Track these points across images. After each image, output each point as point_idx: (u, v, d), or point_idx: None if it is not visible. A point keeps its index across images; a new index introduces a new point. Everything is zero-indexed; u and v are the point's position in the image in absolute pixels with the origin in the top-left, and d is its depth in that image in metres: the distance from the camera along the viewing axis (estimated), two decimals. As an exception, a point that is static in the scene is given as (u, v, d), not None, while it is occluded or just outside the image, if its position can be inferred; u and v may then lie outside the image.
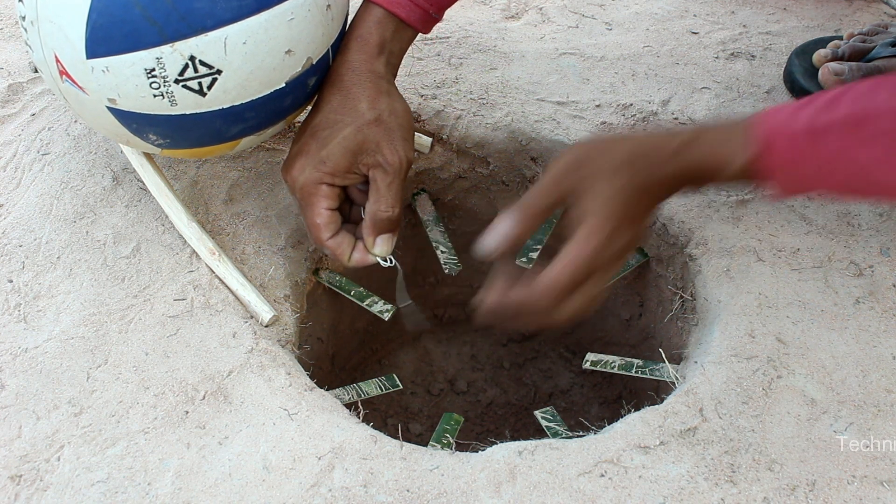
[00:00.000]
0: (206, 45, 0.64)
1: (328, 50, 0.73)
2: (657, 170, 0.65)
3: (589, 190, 0.64)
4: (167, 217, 0.83)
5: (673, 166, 0.65)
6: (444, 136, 0.99)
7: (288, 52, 0.68)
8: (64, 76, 0.67)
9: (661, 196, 0.67)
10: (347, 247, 0.75)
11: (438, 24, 0.80)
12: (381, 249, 0.75)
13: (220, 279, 0.79)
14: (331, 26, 0.72)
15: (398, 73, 0.80)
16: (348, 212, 0.78)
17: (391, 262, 0.76)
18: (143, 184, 0.86)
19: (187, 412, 0.69)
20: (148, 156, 0.85)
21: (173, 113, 0.67)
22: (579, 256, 0.63)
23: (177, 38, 0.63)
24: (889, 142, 0.60)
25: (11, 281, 0.78)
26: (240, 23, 0.64)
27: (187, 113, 0.68)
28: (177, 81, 0.65)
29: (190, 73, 0.65)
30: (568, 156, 0.66)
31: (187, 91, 0.66)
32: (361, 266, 0.77)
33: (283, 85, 0.70)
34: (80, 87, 0.67)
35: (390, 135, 0.73)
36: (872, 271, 0.79)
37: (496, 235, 0.65)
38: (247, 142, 0.76)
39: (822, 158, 0.62)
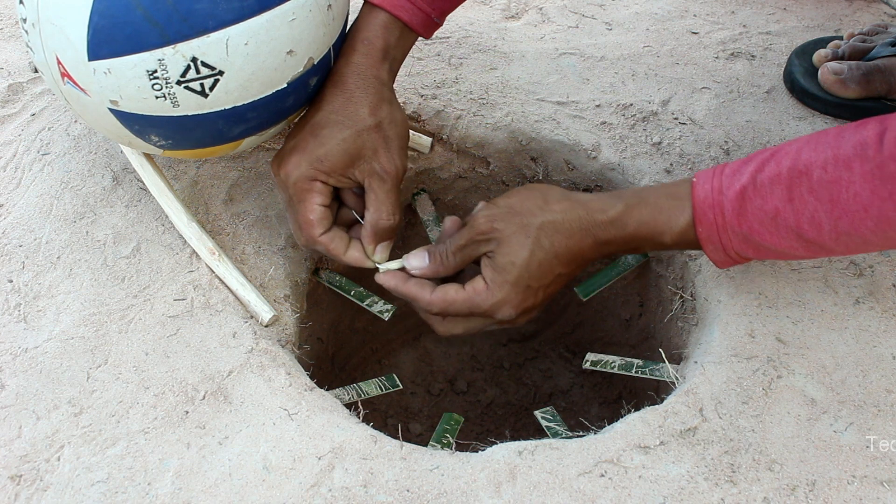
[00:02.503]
0: (207, 47, 0.64)
1: (329, 50, 0.73)
2: (582, 239, 0.70)
3: (512, 240, 0.70)
4: (167, 217, 0.83)
5: (604, 235, 0.70)
6: (444, 136, 0.99)
7: (289, 52, 0.68)
8: (65, 78, 0.67)
9: (584, 263, 0.73)
10: (341, 242, 0.75)
11: (438, 26, 0.81)
12: (381, 256, 0.77)
13: (220, 279, 0.79)
14: (332, 26, 0.72)
15: (398, 75, 0.80)
16: (335, 214, 0.79)
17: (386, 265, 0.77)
18: (143, 184, 0.86)
19: (187, 412, 0.69)
20: (148, 156, 0.85)
21: (175, 114, 0.67)
22: (473, 301, 0.71)
23: (178, 40, 0.63)
24: (817, 198, 0.63)
25: (11, 281, 0.78)
26: (241, 24, 0.64)
27: (189, 114, 0.68)
28: (179, 83, 0.65)
29: (192, 74, 0.65)
30: (503, 202, 0.72)
31: (189, 92, 0.66)
32: (358, 265, 0.77)
33: (285, 85, 0.70)
34: (82, 89, 0.67)
35: (388, 143, 0.74)
36: (872, 271, 0.79)
37: (413, 269, 0.75)
38: (248, 142, 0.76)
39: (750, 226, 0.66)
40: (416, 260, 0.75)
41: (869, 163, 0.61)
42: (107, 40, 0.63)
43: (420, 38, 0.81)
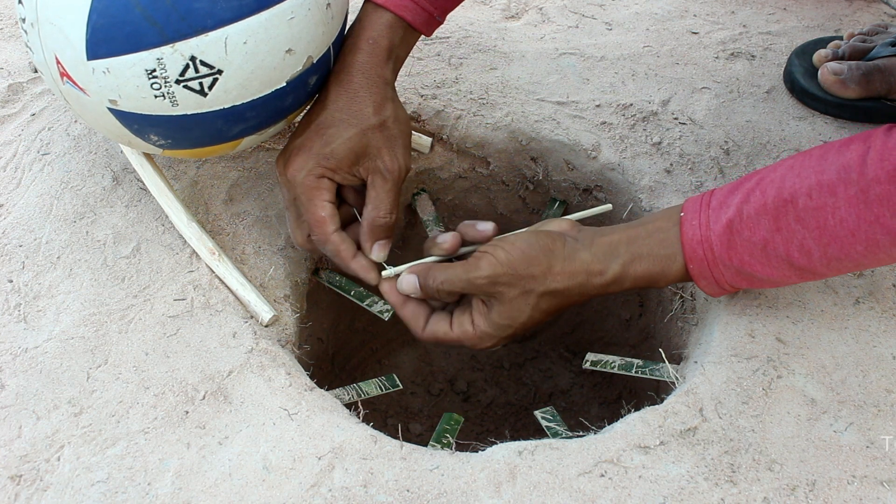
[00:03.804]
0: (206, 45, 0.64)
1: (329, 48, 0.73)
2: (578, 300, 0.72)
3: (512, 305, 0.71)
4: (167, 217, 0.83)
5: (601, 294, 0.72)
6: (444, 136, 0.99)
7: (288, 51, 0.68)
8: (65, 78, 0.67)
9: (565, 311, 0.75)
10: (350, 246, 0.76)
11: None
12: (378, 255, 0.76)
13: (220, 279, 0.79)
14: (331, 25, 0.72)
15: (398, 75, 0.81)
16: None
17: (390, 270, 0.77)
18: (143, 184, 0.86)
19: (187, 412, 0.69)
20: (148, 156, 0.85)
21: (174, 113, 0.67)
22: (462, 342, 0.73)
23: (177, 39, 0.63)
24: (805, 226, 0.63)
25: (11, 281, 0.78)
26: (240, 22, 0.64)
27: (188, 113, 0.68)
28: (178, 82, 0.65)
29: (191, 73, 0.65)
30: (506, 258, 0.70)
31: (188, 91, 0.66)
32: (360, 275, 0.77)
33: (284, 84, 0.70)
34: (81, 89, 0.67)
35: (392, 142, 0.74)
36: (872, 271, 0.79)
37: (406, 287, 0.75)
38: (248, 141, 0.76)
39: (741, 259, 0.67)
40: (408, 287, 0.75)
41: (853, 186, 0.60)
42: (105, 39, 0.63)
43: (421, 39, 0.81)
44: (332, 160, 0.73)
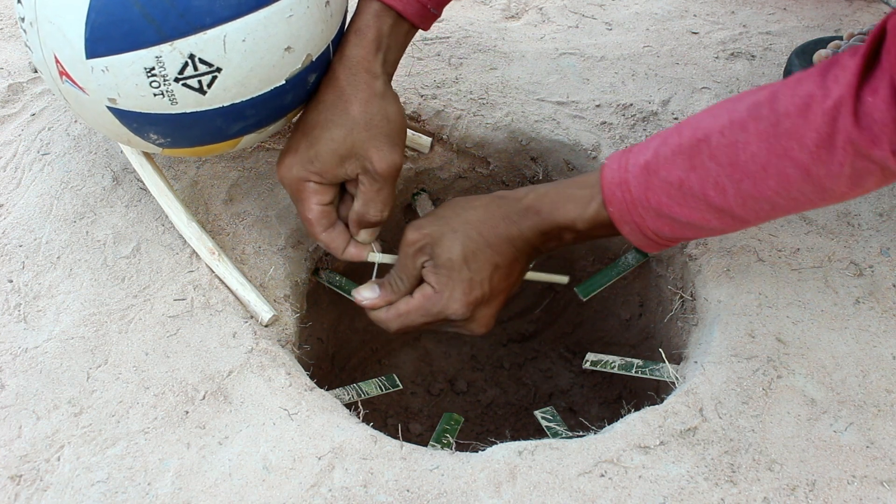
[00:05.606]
0: (205, 43, 0.64)
1: (328, 46, 0.73)
2: (507, 227, 0.73)
3: (444, 241, 0.73)
4: (167, 217, 0.83)
5: (525, 222, 0.72)
6: (444, 136, 0.99)
7: (287, 48, 0.68)
8: (64, 77, 0.67)
9: (521, 253, 0.74)
10: (342, 241, 0.77)
11: (438, 24, 0.80)
12: (364, 238, 0.78)
13: (220, 279, 0.79)
14: (330, 22, 0.72)
15: (398, 73, 0.80)
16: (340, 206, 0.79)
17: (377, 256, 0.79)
18: (143, 184, 0.86)
19: (187, 412, 0.69)
20: (148, 156, 0.85)
21: (174, 112, 0.67)
22: (424, 307, 0.73)
23: (176, 37, 0.63)
24: (718, 163, 0.64)
25: (11, 281, 0.78)
26: (239, 20, 0.64)
27: (188, 111, 0.67)
28: (177, 80, 0.65)
29: (190, 71, 0.65)
30: (428, 213, 0.76)
31: (187, 89, 0.66)
32: (356, 261, 0.78)
33: (284, 82, 0.70)
34: (80, 88, 0.67)
35: (379, 141, 0.73)
36: (872, 271, 0.79)
37: (364, 300, 0.77)
38: (248, 140, 0.76)
39: (658, 200, 0.67)
40: (368, 291, 0.77)
41: (763, 122, 0.61)
42: (104, 38, 0.63)
43: (421, 39, 0.80)
44: (317, 164, 0.73)
